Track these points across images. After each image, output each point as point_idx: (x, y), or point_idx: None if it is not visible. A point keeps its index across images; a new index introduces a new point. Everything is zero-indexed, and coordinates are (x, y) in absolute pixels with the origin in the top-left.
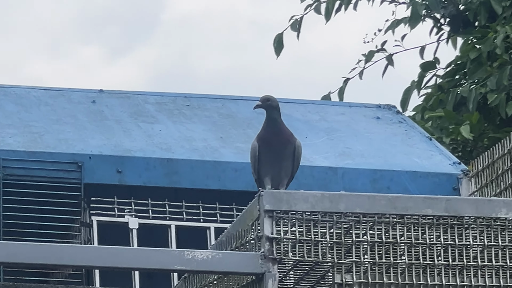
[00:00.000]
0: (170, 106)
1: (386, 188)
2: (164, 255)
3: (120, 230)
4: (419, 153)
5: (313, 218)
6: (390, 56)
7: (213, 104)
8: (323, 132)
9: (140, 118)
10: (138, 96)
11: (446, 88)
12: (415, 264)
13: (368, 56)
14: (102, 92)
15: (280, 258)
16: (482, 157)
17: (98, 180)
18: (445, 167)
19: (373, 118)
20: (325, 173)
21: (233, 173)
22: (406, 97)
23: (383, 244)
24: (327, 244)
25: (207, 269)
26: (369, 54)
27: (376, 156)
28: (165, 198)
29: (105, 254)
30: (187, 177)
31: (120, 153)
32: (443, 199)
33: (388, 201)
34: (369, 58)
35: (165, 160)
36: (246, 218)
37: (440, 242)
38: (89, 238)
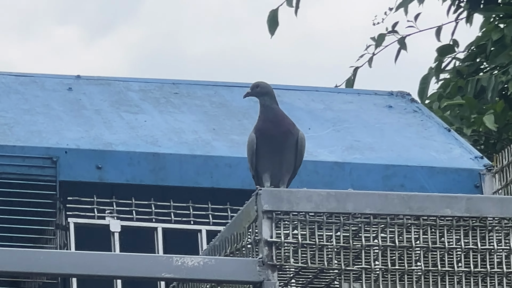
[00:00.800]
0: (156, 94)
1: (399, 185)
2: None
3: (100, 233)
4: (436, 146)
5: (317, 219)
6: (402, 38)
7: (205, 91)
8: (328, 122)
9: (122, 108)
10: (120, 83)
11: (466, 73)
12: (432, 271)
13: (378, 39)
14: (80, 78)
15: (280, 265)
16: (508, 150)
17: (75, 178)
18: (465, 162)
19: (385, 107)
20: (331, 169)
21: (227, 169)
22: (424, 86)
23: (397, 249)
24: (333, 248)
25: (198, 277)
26: (379, 38)
27: (388, 149)
28: (150, 198)
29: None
30: (175, 173)
31: (100, 147)
32: (464, 198)
33: (402, 200)
34: (380, 42)
35: (150, 154)
36: (242, 220)
37: (461, 246)
38: (66, 242)
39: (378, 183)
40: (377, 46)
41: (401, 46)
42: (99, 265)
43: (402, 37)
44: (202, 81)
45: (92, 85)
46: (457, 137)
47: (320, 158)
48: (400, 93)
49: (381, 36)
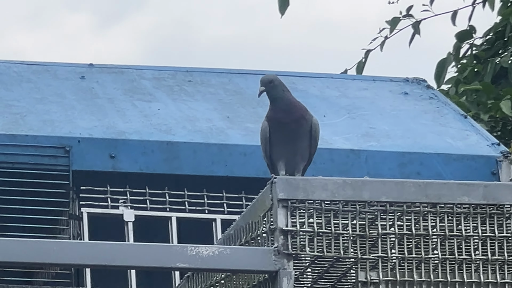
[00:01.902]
0: (170, 82)
1: (415, 173)
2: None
3: (114, 223)
4: (453, 133)
5: (333, 208)
6: (417, 23)
7: (219, 79)
8: (343, 110)
9: (135, 96)
10: (133, 71)
11: (484, 58)
12: (450, 259)
13: (393, 23)
14: (92, 66)
15: (296, 254)
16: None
17: (88, 167)
18: (482, 148)
19: (400, 94)
20: (346, 157)
21: (241, 157)
22: (441, 70)
23: (413, 237)
24: (350, 237)
25: (213, 267)
26: (393, 21)
27: (404, 136)
28: (164, 187)
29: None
30: (189, 162)
31: (113, 135)
32: (481, 185)
33: (418, 187)
34: (394, 26)
35: (164, 143)
36: (257, 209)
37: (478, 234)
38: (79, 232)
39: (394, 171)
40: (391, 30)
41: (415, 30)
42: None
43: (417, 21)
44: (216, 69)
45: (105, 73)
46: (473, 124)
47: (335, 145)
48: (415, 79)
49: (395, 19)
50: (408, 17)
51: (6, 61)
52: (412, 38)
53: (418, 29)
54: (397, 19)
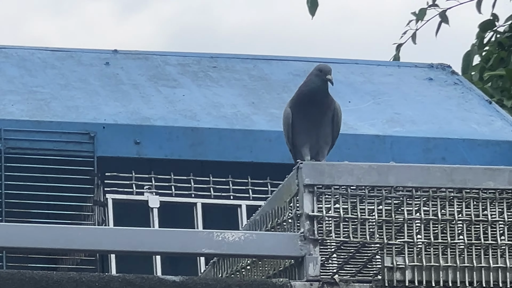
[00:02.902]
0: (194, 68)
1: (441, 158)
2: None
3: (139, 209)
4: (477, 119)
5: (359, 193)
6: (443, 12)
7: (243, 65)
8: (368, 95)
9: (160, 82)
10: (158, 57)
11: (508, 45)
12: (475, 244)
13: (420, 14)
14: (117, 52)
15: (322, 239)
16: None
17: (113, 153)
18: (507, 134)
19: (425, 80)
20: (371, 142)
21: (267, 143)
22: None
23: (439, 222)
24: (375, 222)
25: (239, 253)
26: (420, 13)
27: (429, 122)
28: (189, 173)
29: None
30: (214, 148)
31: (138, 121)
32: (507, 170)
33: (444, 173)
34: (421, 17)
35: (189, 129)
36: (283, 194)
37: (504, 219)
38: (104, 218)
39: (419, 156)
40: (418, 20)
41: (442, 19)
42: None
43: (443, 11)
44: (240, 55)
45: (129, 59)
46: (498, 109)
47: (360, 131)
48: (440, 65)
49: (422, 10)
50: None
51: (30, 47)
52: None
53: (446, 18)
54: (424, 10)
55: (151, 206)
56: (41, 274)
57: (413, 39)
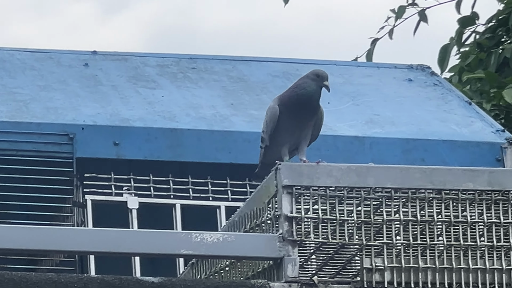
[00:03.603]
0: (173, 69)
1: (420, 159)
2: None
3: (118, 211)
4: (457, 120)
5: (338, 194)
6: (423, 11)
7: (222, 66)
8: (348, 96)
9: (139, 83)
10: (137, 58)
11: (486, 46)
12: (455, 246)
13: (399, 12)
14: (96, 54)
15: (300, 240)
16: None
17: (92, 154)
18: (487, 135)
19: (405, 81)
20: (350, 143)
21: (246, 144)
22: (444, 55)
23: (418, 223)
24: (354, 223)
25: (217, 254)
26: (399, 10)
27: (408, 123)
28: (168, 174)
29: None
30: (193, 149)
31: (117, 123)
32: (486, 172)
33: (423, 174)
34: (400, 15)
35: (168, 130)
36: (261, 195)
37: (483, 220)
38: (83, 219)
39: (398, 157)
40: (397, 18)
41: (421, 18)
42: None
43: (422, 9)
44: (219, 56)
45: (108, 60)
46: (478, 110)
47: (339, 132)
48: (420, 66)
49: (401, 8)
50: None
51: (10, 48)
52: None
53: (425, 16)
54: (403, 8)
55: (130, 207)
56: (20, 275)
57: (390, 34)
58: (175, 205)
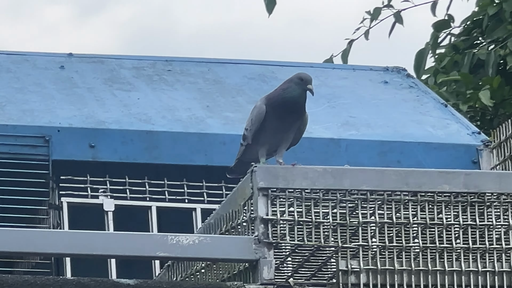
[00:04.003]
0: (149, 71)
1: (396, 161)
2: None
3: (94, 213)
4: (433, 122)
5: (313, 196)
6: (398, 12)
7: (198, 68)
8: (323, 99)
9: (115, 86)
10: (113, 60)
11: (462, 48)
12: (431, 248)
13: (374, 13)
14: (72, 56)
15: (276, 243)
16: (505, 126)
17: (68, 156)
18: (463, 137)
19: (381, 83)
20: (326, 146)
21: (221, 146)
22: (420, 61)
23: (394, 225)
24: (330, 226)
25: (193, 256)
26: (374, 12)
27: (384, 125)
28: (144, 176)
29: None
30: (169, 151)
31: (93, 125)
32: (462, 174)
33: (399, 176)
34: (375, 16)
35: (144, 132)
36: (237, 198)
37: (459, 223)
38: (59, 222)
39: (374, 160)
40: (373, 19)
41: (397, 20)
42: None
43: (398, 11)
44: (195, 58)
45: (84, 63)
46: (454, 113)
47: (315, 134)
48: (396, 68)
49: (376, 9)
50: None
51: None
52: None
53: (401, 18)
54: (379, 9)
55: (106, 209)
56: None
57: (366, 35)
58: (151, 207)
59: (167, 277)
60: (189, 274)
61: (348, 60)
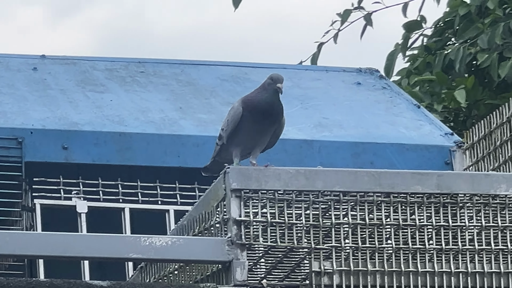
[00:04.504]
0: (122, 73)
1: (369, 163)
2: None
3: (67, 215)
4: (406, 123)
5: (286, 197)
6: (368, 15)
7: (171, 70)
8: (296, 100)
9: (88, 87)
10: (86, 62)
11: (434, 49)
12: (403, 249)
13: (344, 15)
14: (45, 58)
15: (249, 244)
16: (478, 127)
17: (41, 158)
18: (436, 138)
19: (353, 84)
20: (299, 147)
21: (194, 148)
22: (391, 62)
23: (367, 227)
24: (303, 227)
25: (166, 257)
26: (344, 14)
27: (357, 126)
28: (117, 178)
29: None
30: (142, 153)
31: (65, 127)
32: (434, 175)
33: (371, 177)
34: (345, 18)
35: (117, 134)
36: (210, 199)
37: (432, 223)
38: (32, 224)
39: (347, 161)
40: (343, 22)
41: (367, 22)
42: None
43: (368, 13)
44: (168, 60)
45: (57, 64)
46: (427, 114)
47: (288, 136)
48: (368, 70)
49: (346, 11)
50: (359, 9)
51: None
52: (363, 30)
53: (370, 20)
54: (349, 11)
55: (79, 211)
56: None
57: (335, 39)
58: (124, 209)
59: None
60: (162, 275)
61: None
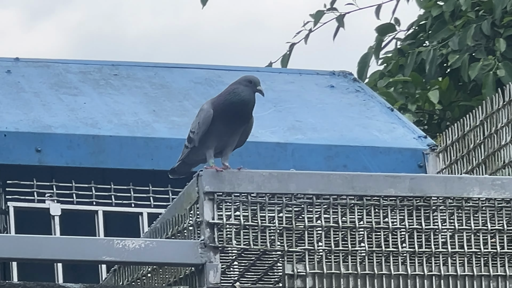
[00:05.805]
0: (96, 76)
1: (342, 166)
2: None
3: (41, 217)
4: (379, 126)
5: (259, 200)
6: (341, 16)
7: (145, 73)
8: (269, 103)
9: (61, 90)
10: (59, 65)
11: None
12: (377, 252)
13: (316, 16)
14: (18, 60)
15: (222, 247)
16: (451, 130)
17: (14, 161)
18: (409, 141)
19: (327, 87)
20: (272, 150)
21: (168, 151)
22: (363, 65)
23: (340, 229)
24: (276, 230)
25: (139, 260)
26: (317, 14)
27: (330, 129)
28: (91, 181)
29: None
30: (115, 156)
31: (39, 129)
32: (407, 178)
33: (344, 180)
34: (318, 19)
35: (90, 137)
36: (183, 202)
37: (405, 226)
38: (5, 226)
39: (320, 164)
40: (316, 23)
41: (339, 23)
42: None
43: (341, 15)
44: (142, 63)
45: (31, 67)
46: (400, 117)
47: (261, 139)
48: (342, 72)
49: (319, 12)
50: (332, 10)
51: None
52: (336, 31)
53: (342, 22)
54: (321, 12)
55: (53, 214)
56: None
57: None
58: (97, 211)
59: (113, 282)
60: (136, 278)
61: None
